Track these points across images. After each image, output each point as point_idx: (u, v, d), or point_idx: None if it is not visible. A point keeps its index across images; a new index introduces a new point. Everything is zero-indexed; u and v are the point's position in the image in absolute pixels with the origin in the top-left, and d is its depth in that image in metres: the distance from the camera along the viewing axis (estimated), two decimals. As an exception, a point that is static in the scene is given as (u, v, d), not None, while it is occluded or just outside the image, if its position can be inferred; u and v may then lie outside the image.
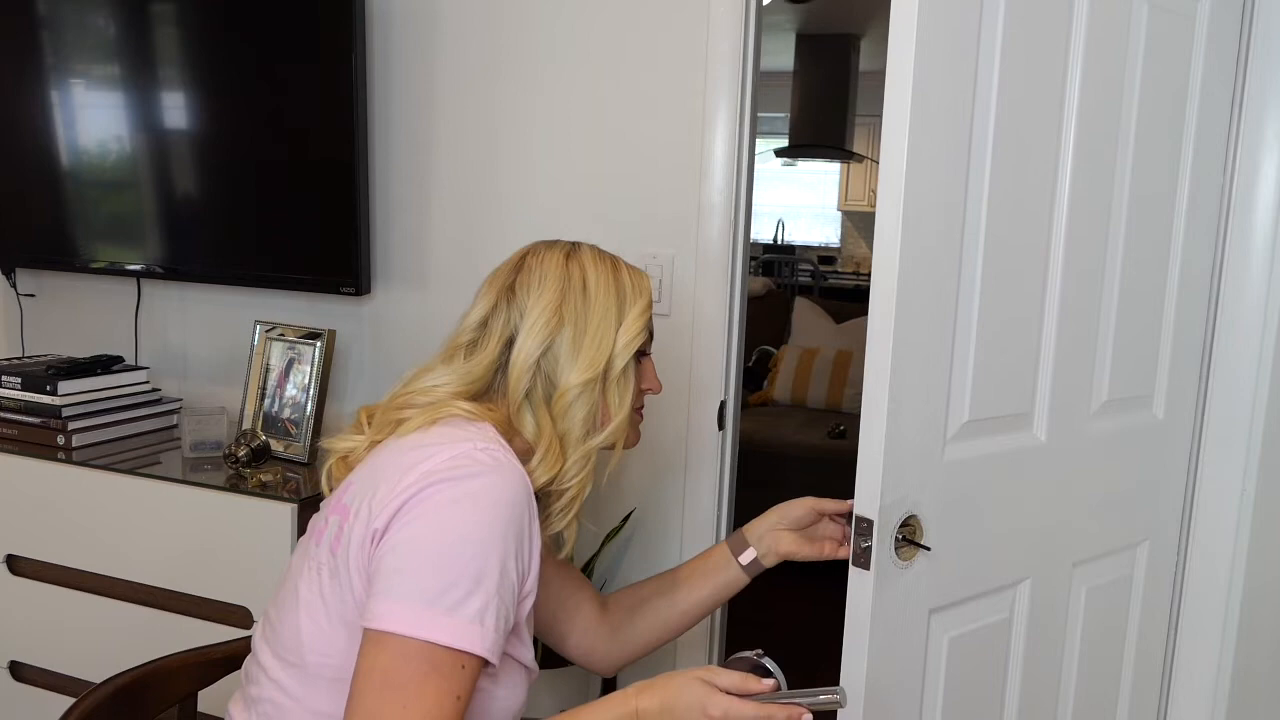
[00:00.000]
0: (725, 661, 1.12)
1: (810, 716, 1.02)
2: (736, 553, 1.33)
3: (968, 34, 1.20)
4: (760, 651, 1.11)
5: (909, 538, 1.24)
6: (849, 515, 1.23)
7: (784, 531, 1.31)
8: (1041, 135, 1.33)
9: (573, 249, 1.17)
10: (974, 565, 1.35)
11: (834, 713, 1.18)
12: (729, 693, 1.01)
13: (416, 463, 1.00)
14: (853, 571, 1.23)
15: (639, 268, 1.20)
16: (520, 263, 1.16)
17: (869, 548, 1.20)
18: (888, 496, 1.20)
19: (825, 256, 7.75)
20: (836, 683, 1.17)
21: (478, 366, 1.12)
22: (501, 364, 1.12)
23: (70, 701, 1.11)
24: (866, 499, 1.20)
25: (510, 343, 1.12)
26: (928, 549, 1.25)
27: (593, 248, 1.19)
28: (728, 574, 1.33)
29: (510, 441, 1.08)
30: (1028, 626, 1.46)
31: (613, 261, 1.18)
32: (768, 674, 1.06)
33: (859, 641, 1.23)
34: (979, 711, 1.44)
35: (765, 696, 1.02)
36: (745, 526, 1.35)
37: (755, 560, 1.32)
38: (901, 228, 1.16)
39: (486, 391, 1.13)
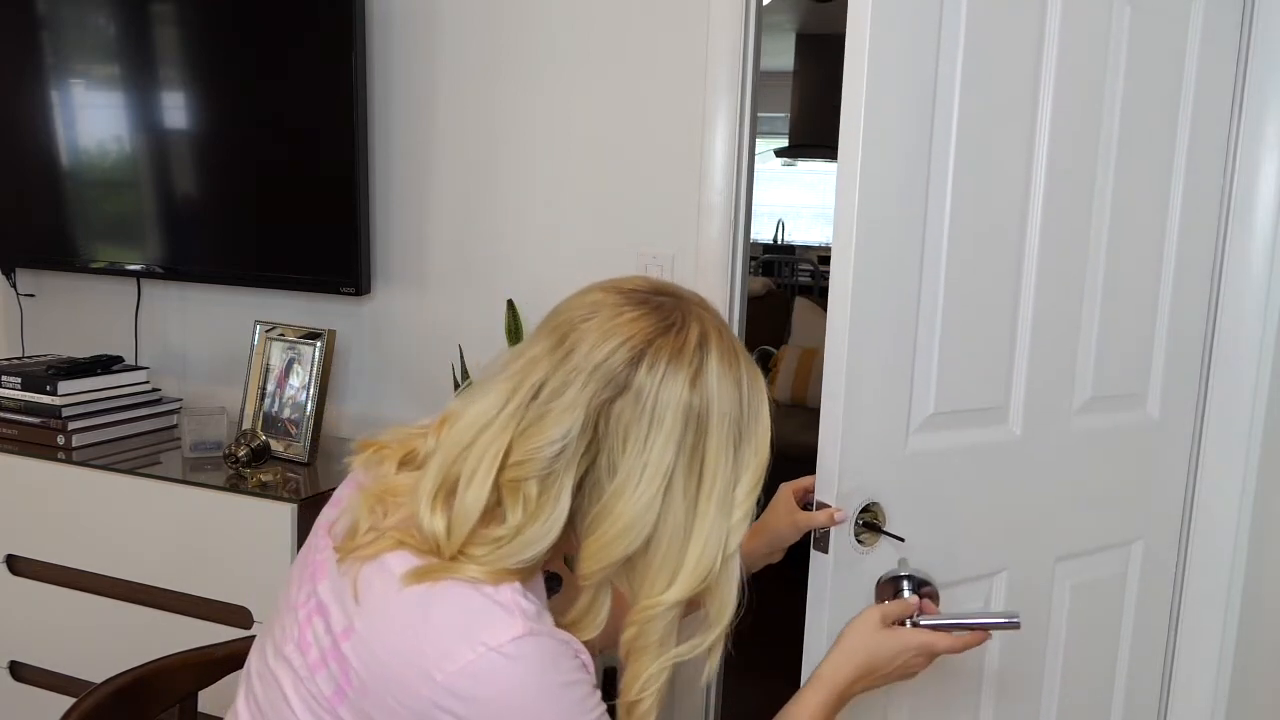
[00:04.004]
0: (877, 587, 1.23)
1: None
2: None
3: (928, 21, 1.21)
4: (905, 565, 1.22)
5: (872, 524, 1.26)
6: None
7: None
8: (1013, 127, 1.33)
9: (699, 368, 0.85)
10: (943, 554, 1.36)
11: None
12: (902, 621, 1.08)
13: (426, 657, 0.79)
14: (814, 555, 1.25)
15: (759, 370, 0.91)
16: (632, 370, 0.83)
17: (827, 532, 1.22)
18: (845, 484, 1.22)
19: (825, 256, 7.73)
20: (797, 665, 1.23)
21: (544, 540, 0.84)
22: (568, 519, 0.85)
23: (70, 701, 1.11)
24: (825, 484, 1.23)
25: (581, 485, 0.85)
26: (901, 539, 1.27)
27: (722, 360, 0.87)
28: None
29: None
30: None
31: (735, 380, 0.87)
32: (921, 584, 1.19)
33: (819, 623, 1.25)
34: (951, 696, 1.44)
35: (940, 621, 1.09)
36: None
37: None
38: (858, 208, 1.17)
39: None
